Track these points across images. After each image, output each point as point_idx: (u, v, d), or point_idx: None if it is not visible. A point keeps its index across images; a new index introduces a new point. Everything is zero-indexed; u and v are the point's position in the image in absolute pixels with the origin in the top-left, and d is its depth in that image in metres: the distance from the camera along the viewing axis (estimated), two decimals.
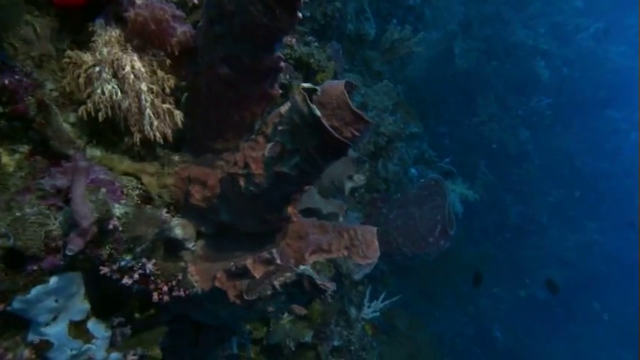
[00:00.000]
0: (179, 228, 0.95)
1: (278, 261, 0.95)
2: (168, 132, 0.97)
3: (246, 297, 0.97)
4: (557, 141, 9.32)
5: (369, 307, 2.57)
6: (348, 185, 1.98)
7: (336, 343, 2.32)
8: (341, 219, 2.05)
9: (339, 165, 1.96)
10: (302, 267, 0.88)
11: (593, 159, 9.91)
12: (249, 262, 0.98)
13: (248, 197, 0.95)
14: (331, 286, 0.90)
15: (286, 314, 1.75)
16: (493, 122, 8.10)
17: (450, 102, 7.44)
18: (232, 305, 1.02)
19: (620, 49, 9.78)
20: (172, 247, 0.98)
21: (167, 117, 0.95)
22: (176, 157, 1.08)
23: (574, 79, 9.01)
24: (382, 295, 2.63)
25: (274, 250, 0.96)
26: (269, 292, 0.94)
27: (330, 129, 0.77)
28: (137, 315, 1.12)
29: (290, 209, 1.06)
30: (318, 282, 0.87)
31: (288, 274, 0.91)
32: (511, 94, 8.46)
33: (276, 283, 0.91)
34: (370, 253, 1.08)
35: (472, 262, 6.06)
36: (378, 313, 2.57)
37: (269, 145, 0.93)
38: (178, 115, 0.98)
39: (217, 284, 0.98)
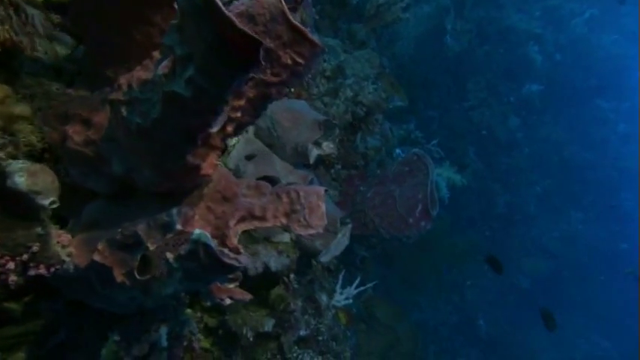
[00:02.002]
0: (21, 175, 0.66)
1: (178, 226, 0.68)
2: (24, 41, 0.67)
3: (138, 276, 0.70)
4: (547, 130, 9.20)
5: (341, 293, 2.33)
6: (315, 152, 1.70)
7: (302, 333, 2.09)
8: None
9: (304, 129, 1.68)
10: (196, 231, 0.60)
11: (580, 149, 9.86)
12: (141, 228, 0.70)
13: (136, 135, 0.67)
14: (243, 261, 0.63)
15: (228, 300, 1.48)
16: (483, 108, 7.91)
17: (440, 85, 7.19)
18: (124, 288, 0.74)
19: (613, 37, 9.63)
20: (20, 206, 0.69)
21: (11, 12, 0.65)
22: (54, 87, 0.78)
23: (566, 66, 8.83)
24: (356, 281, 2.39)
25: (174, 211, 0.69)
26: (164, 269, 0.66)
27: (228, 13, 0.49)
28: (8, 305, 0.84)
29: (207, 160, 0.78)
30: (219, 252, 0.60)
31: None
32: (502, 80, 8.26)
33: (170, 256, 0.63)
34: (314, 220, 0.81)
35: (457, 251, 5.93)
36: (350, 301, 2.33)
37: (164, 62, 0.64)
38: (37, 16, 0.68)
39: (98, 258, 0.70)
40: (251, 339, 1.88)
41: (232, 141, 1.87)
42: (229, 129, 0.78)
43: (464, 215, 7.25)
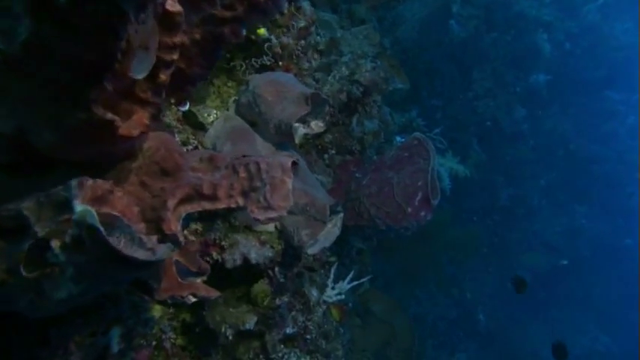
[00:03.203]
0: None
1: (78, 203, 0.48)
2: None
3: (24, 272, 0.50)
4: (553, 121, 8.93)
5: (333, 288, 2.15)
6: (301, 131, 1.50)
7: (288, 331, 1.91)
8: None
9: (289, 104, 1.47)
10: (78, 208, 0.41)
11: (587, 142, 9.60)
12: (28, 206, 0.51)
13: (5, 70, 0.47)
14: (158, 253, 0.43)
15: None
16: (488, 98, 7.65)
17: (445, 73, 6.92)
18: (15, 287, 0.55)
19: (625, 25, 9.26)
20: None
21: None
22: None
23: (575, 56, 8.51)
24: (349, 275, 2.21)
25: (72, 184, 0.49)
26: (55, 264, 0.47)
27: None
28: None
29: (133, 117, 0.58)
30: (113, 239, 0.40)
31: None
32: (509, 70, 7.97)
33: (55, 245, 0.44)
34: (276, 201, 0.62)
35: (458, 244, 5.76)
36: (343, 296, 2.16)
37: None
38: None
39: None
40: (230, 337, 1.71)
41: (209, 118, 1.67)
42: (162, 77, 0.58)
43: (466, 207, 7.06)
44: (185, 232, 1.57)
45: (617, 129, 10.08)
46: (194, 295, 1.06)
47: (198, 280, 1.14)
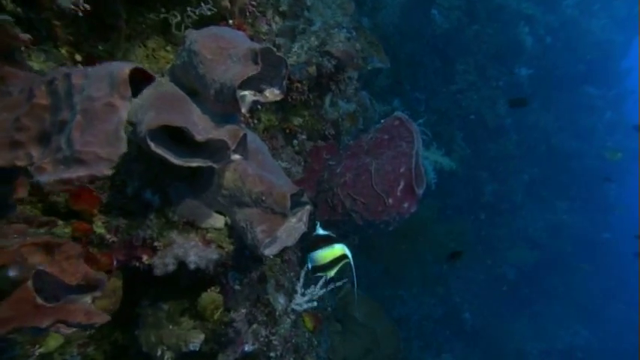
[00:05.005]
0: None
1: None
2: None
3: None
4: (535, 116, 8.91)
5: (303, 294, 1.83)
6: (249, 98, 1.17)
7: (247, 348, 1.58)
8: (236, 157, 1.25)
9: (233, 63, 1.14)
10: None
11: (568, 137, 9.66)
12: None
13: None
14: None
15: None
16: (472, 92, 7.52)
17: (427, 66, 6.73)
18: None
19: (602, 21, 9.35)
20: None
21: None
22: None
23: (556, 50, 8.50)
24: (322, 279, 1.90)
25: None
26: None
27: None
28: None
29: None
30: None
31: None
32: (492, 63, 7.87)
33: None
34: (90, 145, 0.30)
35: (443, 240, 5.54)
36: (315, 303, 1.84)
37: None
38: None
39: None
40: None
41: None
42: None
43: (450, 203, 6.88)
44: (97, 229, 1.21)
45: (596, 124, 10.18)
46: (66, 324, 0.71)
47: (88, 299, 0.79)
